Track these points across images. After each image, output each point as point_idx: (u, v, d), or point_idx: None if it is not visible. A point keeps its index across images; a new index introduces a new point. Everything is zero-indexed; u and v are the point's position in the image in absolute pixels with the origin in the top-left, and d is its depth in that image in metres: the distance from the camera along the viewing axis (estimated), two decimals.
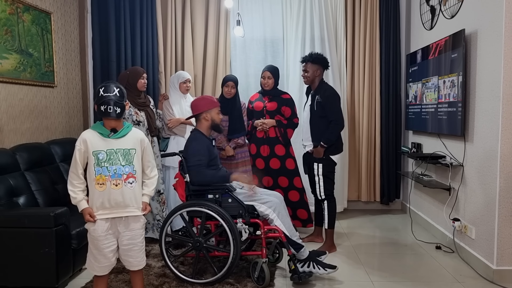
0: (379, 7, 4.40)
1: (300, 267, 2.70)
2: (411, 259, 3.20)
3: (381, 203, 4.58)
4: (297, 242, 2.72)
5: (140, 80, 3.41)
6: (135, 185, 2.13)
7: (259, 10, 4.49)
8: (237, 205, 2.72)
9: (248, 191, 2.82)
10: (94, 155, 2.05)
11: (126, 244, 2.14)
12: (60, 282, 2.57)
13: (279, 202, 2.80)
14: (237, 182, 2.88)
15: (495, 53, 2.72)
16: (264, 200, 2.75)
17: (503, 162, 2.68)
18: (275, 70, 3.67)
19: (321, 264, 2.73)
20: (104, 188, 2.05)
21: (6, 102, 3.18)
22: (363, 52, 4.41)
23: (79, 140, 2.08)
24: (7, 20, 3.15)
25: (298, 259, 2.74)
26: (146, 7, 4.20)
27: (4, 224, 2.53)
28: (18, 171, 2.95)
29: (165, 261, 2.79)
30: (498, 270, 2.72)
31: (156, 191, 3.47)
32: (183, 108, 3.66)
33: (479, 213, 2.93)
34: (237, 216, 2.67)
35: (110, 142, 2.09)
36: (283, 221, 2.71)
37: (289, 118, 3.63)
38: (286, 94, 3.71)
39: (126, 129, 2.15)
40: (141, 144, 2.18)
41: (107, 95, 2.04)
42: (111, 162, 2.06)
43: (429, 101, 3.67)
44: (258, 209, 2.73)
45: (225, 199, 2.74)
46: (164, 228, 2.78)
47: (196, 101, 2.95)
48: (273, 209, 2.72)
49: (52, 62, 3.74)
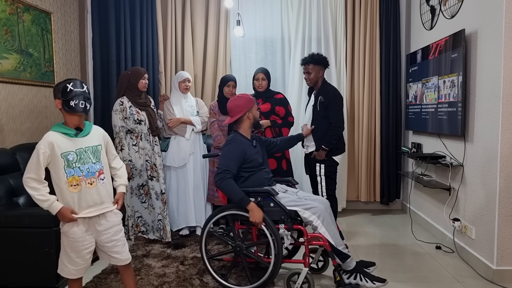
0: (379, 7, 4.40)
1: (346, 279, 2.55)
2: (411, 259, 3.20)
3: (381, 203, 4.58)
4: (343, 251, 2.55)
5: (141, 80, 3.42)
6: (106, 180, 2.12)
7: (259, 10, 4.49)
8: (279, 210, 2.56)
9: (291, 195, 2.68)
10: (63, 157, 1.97)
11: (108, 241, 2.10)
12: (60, 282, 2.57)
13: (324, 209, 2.59)
14: (281, 186, 2.81)
15: (495, 53, 2.72)
16: (308, 206, 2.57)
17: (503, 162, 2.68)
18: (268, 71, 3.66)
19: (369, 277, 2.54)
20: (79, 188, 2.00)
21: (6, 102, 3.18)
22: (363, 52, 4.41)
23: (43, 143, 1.97)
24: (7, 20, 3.16)
25: (344, 270, 2.58)
26: (146, 7, 4.20)
27: (4, 224, 2.53)
28: (18, 171, 2.95)
29: (204, 262, 2.71)
30: (498, 270, 2.72)
31: (159, 191, 3.48)
32: (183, 108, 3.66)
33: (479, 213, 2.93)
34: (279, 222, 2.53)
35: (77, 142, 2.04)
36: (328, 229, 2.53)
37: (284, 117, 3.61)
38: (279, 94, 3.70)
39: (89, 126, 2.13)
40: (104, 139, 2.17)
41: (77, 90, 2.00)
42: (83, 161, 2.03)
43: (429, 101, 3.67)
44: (302, 215, 2.55)
45: (266, 203, 2.58)
46: (206, 228, 2.68)
47: (235, 102, 2.75)
48: (318, 216, 2.53)
49: (52, 62, 3.74)
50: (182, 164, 3.63)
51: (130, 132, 3.42)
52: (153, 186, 3.47)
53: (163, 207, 3.48)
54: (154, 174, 3.47)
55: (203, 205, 3.72)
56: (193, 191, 3.67)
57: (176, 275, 2.82)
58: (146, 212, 3.53)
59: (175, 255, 3.19)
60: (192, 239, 3.56)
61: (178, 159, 3.63)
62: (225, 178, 2.54)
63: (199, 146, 3.73)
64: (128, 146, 3.41)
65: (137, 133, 3.43)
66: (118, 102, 3.39)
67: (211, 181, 3.70)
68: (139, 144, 3.43)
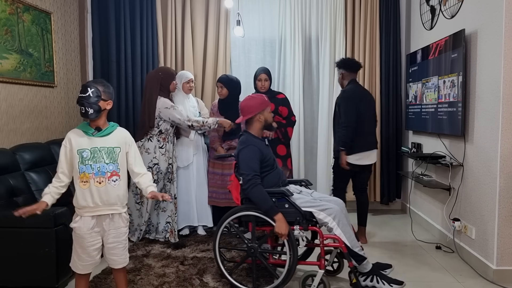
0: (379, 7, 4.40)
1: (362, 281, 2.52)
2: (411, 259, 3.20)
3: (381, 203, 4.58)
4: (359, 253, 2.51)
5: (173, 82, 3.46)
6: (119, 183, 2.12)
7: (259, 10, 4.49)
8: (294, 211, 2.52)
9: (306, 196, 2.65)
10: (78, 153, 2.06)
11: (111, 242, 2.13)
12: (60, 282, 2.57)
13: (339, 210, 2.54)
14: (295, 187, 2.78)
15: (495, 53, 2.72)
16: (323, 207, 2.52)
17: (503, 162, 2.68)
18: (269, 71, 3.67)
19: (386, 279, 2.52)
20: (88, 185, 2.05)
21: (6, 102, 3.18)
22: (363, 52, 4.41)
23: (65, 139, 2.10)
24: (7, 20, 3.16)
25: (360, 272, 2.54)
26: (146, 7, 4.20)
27: (4, 224, 2.53)
28: (18, 171, 2.96)
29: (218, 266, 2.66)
30: (498, 270, 2.73)
31: (173, 195, 3.49)
32: (186, 108, 3.64)
33: (479, 213, 2.93)
34: (294, 223, 2.50)
35: (94, 141, 2.09)
36: (343, 230, 2.49)
37: (287, 117, 3.62)
38: (281, 94, 3.71)
39: (111, 128, 2.15)
40: (126, 143, 2.17)
41: (81, 96, 2.05)
42: (95, 160, 2.06)
43: (429, 101, 3.67)
44: (317, 216, 2.51)
45: (281, 204, 2.54)
46: (219, 231, 2.63)
47: (247, 102, 2.70)
48: (333, 217, 2.49)
49: (52, 62, 3.74)
50: (186, 164, 3.63)
51: (160, 134, 3.41)
52: (170, 188, 3.48)
53: (174, 211, 3.49)
54: (172, 177, 3.49)
55: (206, 204, 3.72)
56: (196, 191, 3.68)
57: (176, 275, 2.82)
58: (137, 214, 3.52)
59: (175, 255, 3.19)
60: (192, 239, 3.56)
61: (182, 159, 3.63)
62: (256, 184, 2.48)
63: (202, 146, 3.75)
64: (155, 149, 3.40)
65: (165, 135, 3.43)
66: (166, 100, 3.38)
67: (211, 183, 3.71)
68: (165, 146, 3.43)
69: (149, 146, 3.38)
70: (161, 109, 3.37)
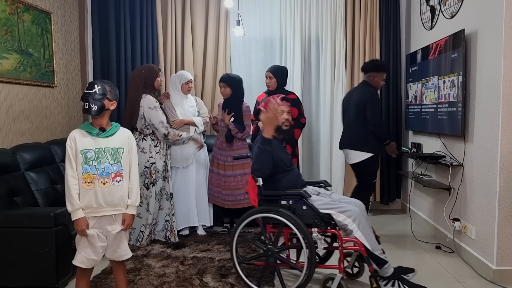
0: (379, 7, 4.40)
1: (383, 286, 2.45)
2: (411, 259, 3.20)
3: (381, 203, 4.57)
4: (380, 257, 2.43)
5: (157, 79, 3.42)
6: (122, 183, 2.12)
7: (259, 10, 4.49)
8: (312, 213, 2.47)
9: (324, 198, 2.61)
10: (82, 153, 2.06)
11: (114, 238, 2.14)
12: (60, 282, 2.57)
13: (359, 212, 2.48)
14: (313, 188, 2.73)
15: (495, 53, 2.72)
16: (342, 209, 2.46)
17: (503, 162, 2.68)
18: (276, 70, 3.58)
19: (408, 284, 2.45)
20: (92, 186, 2.05)
21: (6, 102, 3.18)
22: (363, 52, 4.41)
23: (68, 139, 2.08)
24: (7, 20, 3.15)
25: (381, 276, 2.46)
26: (146, 7, 4.20)
27: (4, 224, 2.53)
28: (18, 171, 2.95)
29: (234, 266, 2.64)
30: (498, 270, 2.73)
31: (169, 192, 3.48)
32: (185, 109, 3.63)
33: (479, 213, 2.93)
34: (312, 225, 2.44)
35: (98, 141, 2.09)
36: (363, 233, 2.42)
37: (296, 118, 3.54)
38: (292, 94, 3.62)
39: (114, 128, 2.16)
40: (128, 143, 2.18)
41: (87, 92, 2.05)
42: (100, 160, 2.07)
43: (429, 101, 3.67)
44: (336, 219, 2.45)
45: (299, 206, 2.49)
46: (236, 231, 2.60)
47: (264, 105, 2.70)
48: (353, 219, 2.42)
49: (52, 62, 3.74)
50: (186, 165, 3.62)
51: (153, 133, 3.39)
52: (165, 186, 3.47)
53: (171, 208, 3.48)
54: (167, 175, 3.48)
55: (206, 205, 3.72)
56: (196, 191, 3.67)
57: (176, 275, 2.82)
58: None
59: (175, 255, 3.19)
60: (192, 239, 3.56)
61: (181, 160, 3.62)
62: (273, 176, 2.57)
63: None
64: (150, 148, 3.38)
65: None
66: (152, 99, 3.34)
67: (212, 182, 3.70)
68: (160, 145, 3.42)
69: (144, 145, 3.37)
70: (145, 108, 3.33)
